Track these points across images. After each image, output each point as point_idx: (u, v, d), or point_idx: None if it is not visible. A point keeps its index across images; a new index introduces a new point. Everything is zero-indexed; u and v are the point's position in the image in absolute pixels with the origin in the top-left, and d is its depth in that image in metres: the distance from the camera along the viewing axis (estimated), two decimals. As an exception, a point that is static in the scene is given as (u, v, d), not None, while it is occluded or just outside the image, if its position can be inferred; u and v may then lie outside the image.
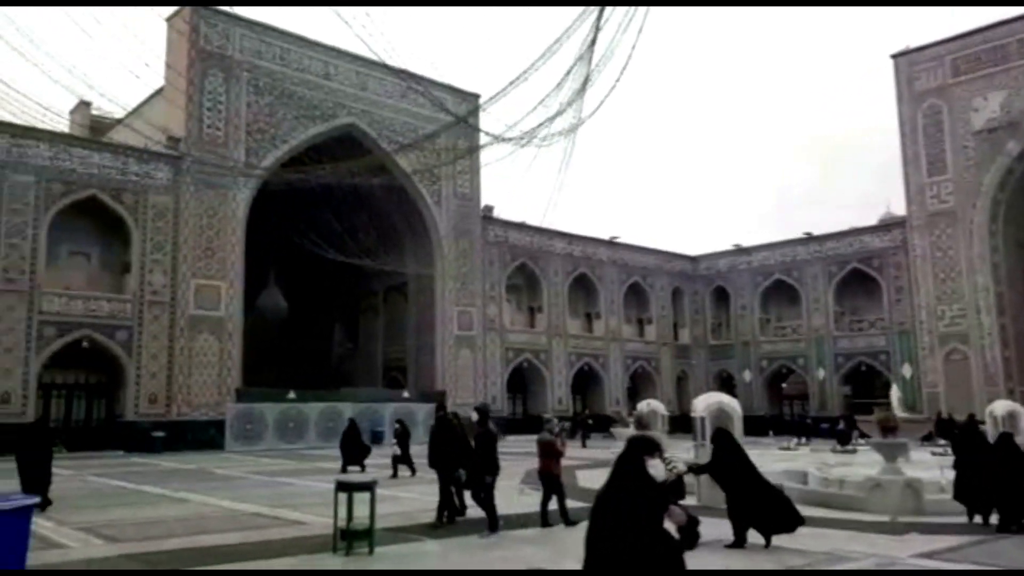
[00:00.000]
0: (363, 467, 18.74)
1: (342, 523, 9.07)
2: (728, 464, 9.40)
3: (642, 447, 5.15)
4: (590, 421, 35.51)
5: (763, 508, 9.02)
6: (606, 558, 4.64)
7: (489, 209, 40.48)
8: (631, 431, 20.69)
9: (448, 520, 10.96)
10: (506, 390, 40.17)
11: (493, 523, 10.17)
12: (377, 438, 29.54)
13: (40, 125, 24.11)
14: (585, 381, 44.73)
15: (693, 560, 6.78)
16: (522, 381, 42.30)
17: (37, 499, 7.20)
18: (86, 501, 13.88)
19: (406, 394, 36.13)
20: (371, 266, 35.62)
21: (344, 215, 33.90)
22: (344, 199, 32.35)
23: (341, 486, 9.76)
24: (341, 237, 34.11)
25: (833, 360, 42.56)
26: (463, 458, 10.95)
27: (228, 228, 30.99)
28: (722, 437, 9.76)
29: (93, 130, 35.07)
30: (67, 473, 19.18)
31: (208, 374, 29.73)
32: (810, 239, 44.33)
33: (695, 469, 10.14)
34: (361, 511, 9.11)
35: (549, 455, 10.98)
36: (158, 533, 10.53)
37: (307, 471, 20.07)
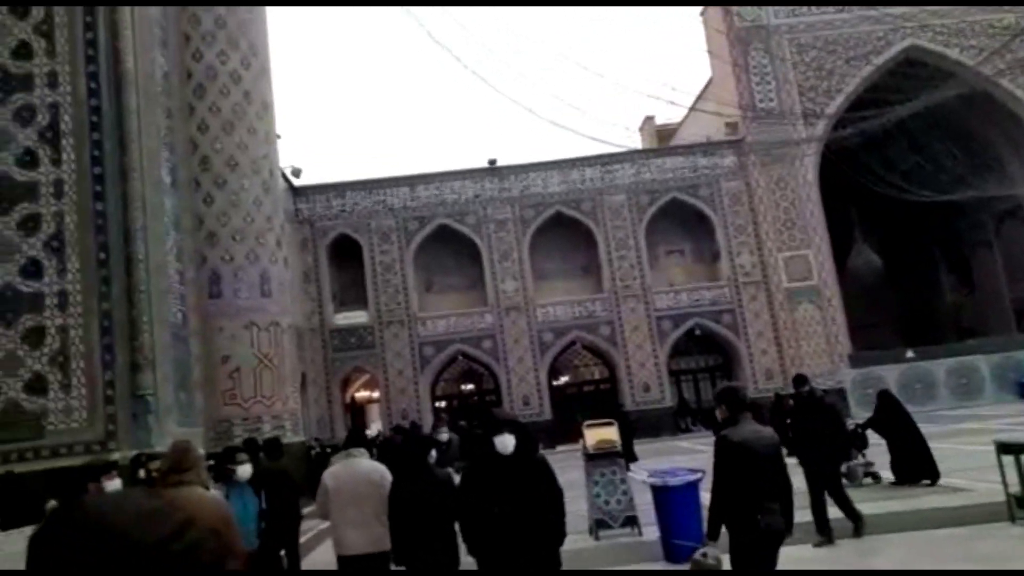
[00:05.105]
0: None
1: (1013, 489, 7.88)
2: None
3: None
4: None
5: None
6: None
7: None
8: None
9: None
10: None
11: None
12: (1024, 391, 25.11)
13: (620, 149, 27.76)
14: None
15: None
16: None
17: (700, 474, 7.89)
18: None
19: (1055, 335, 29.93)
20: (967, 196, 30.74)
21: (921, 146, 30.05)
22: (916, 128, 28.69)
23: (1004, 447, 8.42)
24: (923, 171, 30.36)
25: None
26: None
27: (802, 195, 30.58)
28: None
29: (660, 138, 38.87)
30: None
31: (816, 343, 29.60)
32: None
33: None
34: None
35: None
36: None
37: (945, 434, 17.88)
